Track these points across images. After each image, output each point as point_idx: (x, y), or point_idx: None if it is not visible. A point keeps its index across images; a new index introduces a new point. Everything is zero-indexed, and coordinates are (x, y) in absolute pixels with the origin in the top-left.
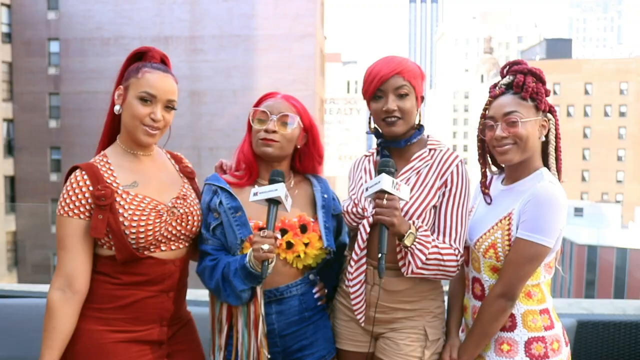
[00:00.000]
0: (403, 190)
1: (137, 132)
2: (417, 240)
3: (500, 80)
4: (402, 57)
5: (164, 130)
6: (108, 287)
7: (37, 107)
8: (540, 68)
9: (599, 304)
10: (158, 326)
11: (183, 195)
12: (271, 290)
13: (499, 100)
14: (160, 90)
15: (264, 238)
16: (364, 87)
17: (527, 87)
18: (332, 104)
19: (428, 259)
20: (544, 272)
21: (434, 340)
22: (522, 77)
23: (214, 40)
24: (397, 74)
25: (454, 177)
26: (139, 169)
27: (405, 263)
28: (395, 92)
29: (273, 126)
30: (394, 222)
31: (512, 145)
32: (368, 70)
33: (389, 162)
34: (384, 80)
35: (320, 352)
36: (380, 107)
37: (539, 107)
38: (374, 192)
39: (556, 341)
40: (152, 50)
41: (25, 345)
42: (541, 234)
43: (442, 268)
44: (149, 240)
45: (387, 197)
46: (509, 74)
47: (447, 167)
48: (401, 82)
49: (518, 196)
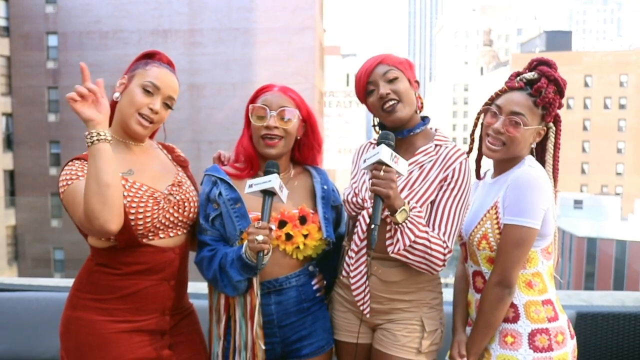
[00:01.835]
0: (401, 164)
1: (131, 121)
2: (409, 218)
3: (524, 73)
4: (384, 53)
5: (157, 126)
6: (109, 277)
7: (35, 101)
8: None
9: (599, 296)
10: (160, 315)
11: (178, 182)
12: (270, 281)
13: (513, 94)
14: (164, 84)
15: (258, 229)
16: (357, 90)
17: (545, 97)
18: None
19: (416, 242)
20: (542, 257)
21: (431, 331)
22: (545, 83)
23: (213, 33)
24: (380, 63)
25: (455, 174)
26: (132, 158)
27: (392, 242)
28: (384, 78)
29: (274, 122)
30: (389, 193)
31: (502, 146)
32: (356, 76)
33: (389, 134)
34: (370, 72)
35: (319, 343)
36: (375, 97)
37: (545, 118)
38: (372, 163)
39: (560, 333)
40: (160, 53)
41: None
42: (523, 216)
43: (428, 257)
44: (147, 227)
45: (385, 169)
46: (535, 71)
47: (451, 163)
48: (386, 67)
49: (502, 185)
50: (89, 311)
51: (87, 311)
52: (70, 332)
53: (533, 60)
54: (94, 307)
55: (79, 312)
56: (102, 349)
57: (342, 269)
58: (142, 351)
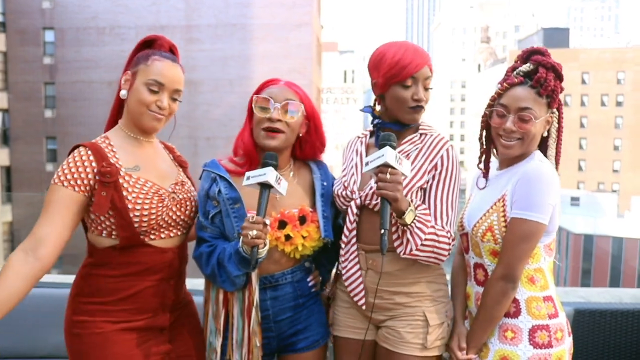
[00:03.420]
0: (405, 164)
1: (143, 118)
2: (417, 218)
3: (520, 67)
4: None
5: (169, 118)
6: (108, 280)
7: (32, 97)
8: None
9: (596, 293)
10: (160, 313)
11: (182, 182)
12: (266, 277)
13: (516, 90)
14: (168, 79)
15: (252, 224)
16: (392, 71)
17: (547, 86)
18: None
19: (426, 239)
20: (544, 254)
21: (436, 325)
22: (544, 72)
23: (210, 30)
24: (427, 65)
25: (444, 161)
26: (140, 154)
27: (402, 242)
28: (424, 83)
29: (277, 115)
30: (397, 197)
31: (517, 140)
32: (394, 56)
33: (391, 135)
34: (419, 70)
35: (314, 337)
36: (410, 95)
37: (550, 105)
38: (377, 166)
39: (560, 330)
40: (162, 38)
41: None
42: (533, 211)
43: (436, 250)
44: (151, 224)
45: (391, 172)
46: (530, 62)
47: (438, 151)
48: (429, 73)
49: (511, 178)
50: (90, 314)
51: (88, 314)
52: (74, 335)
53: (524, 52)
54: (94, 310)
55: (80, 316)
56: (105, 348)
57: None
58: (142, 347)
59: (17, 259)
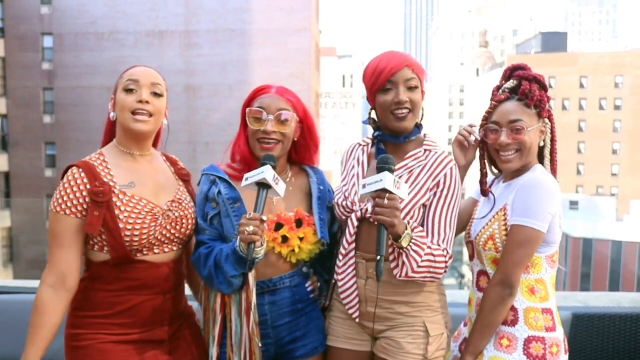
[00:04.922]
0: (402, 188)
1: (129, 123)
2: (413, 241)
3: (504, 84)
4: (405, 53)
5: (158, 118)
6: (104, 294)
7: (31, 102)
8: (536, 63)
9: (594, 297)
10: (158, 326)
11: (178, 199)
12: (264, 281)
13: (504, 106)
14: (141, 75)
15: (249, 220)
16: (371, 79)
17: (533, 96)
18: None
19: (423, 260)
20: (546, 264)
21: (437, 335)
22: (527, 84)
23: (209, 35)
24: (407, 67)
25: (447, 180)
26: (136, 169)
27: (398, 264)
28: (406, 84)
29: (271, 127)
30: (394, 222)
31: (515, 152)
32: (373, 64)
33: (389, 158)
34: (394, 72)
35: (313, 344)
36: (390, 98)
37: (540, 115)
38: (374, 191)
39: (556, 345)
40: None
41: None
42: (529, 217)
43: (433, 270)
44: (142, 243)
45: (388, 197)
46: (512, 79)
47: (441, 170)
48: (410, 74)
49: (513, 189)
50: (88, 327)
51: (86, 328)
52: (71, 348)
53: (506, 70)
54: (92, 323)
55: (77, 329)
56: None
57: None
58: (139, 358)
59: (50, 297)
